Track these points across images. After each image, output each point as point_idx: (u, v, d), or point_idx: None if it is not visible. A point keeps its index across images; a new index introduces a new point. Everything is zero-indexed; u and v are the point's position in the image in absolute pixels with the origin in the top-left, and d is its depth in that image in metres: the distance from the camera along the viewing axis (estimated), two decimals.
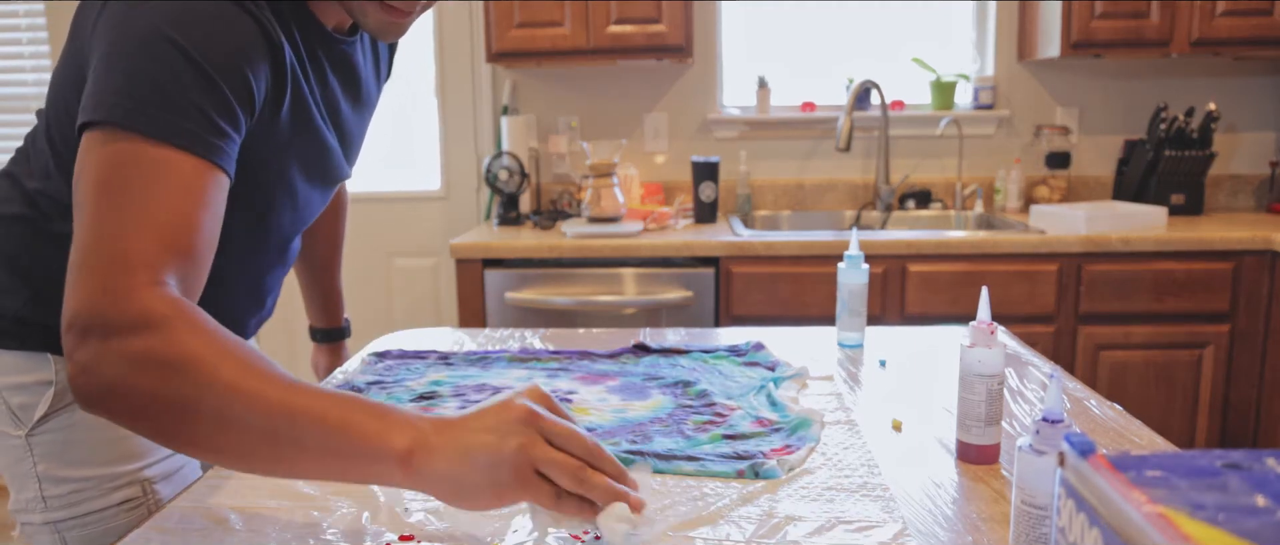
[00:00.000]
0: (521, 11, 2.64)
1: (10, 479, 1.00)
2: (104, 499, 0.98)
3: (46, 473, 0.97)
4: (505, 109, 2.97)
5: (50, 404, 0.96)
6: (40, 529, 0.99)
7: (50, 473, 0.98)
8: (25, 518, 1.00)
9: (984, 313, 0.93)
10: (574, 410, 1.08)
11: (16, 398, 0.97)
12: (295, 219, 1.06)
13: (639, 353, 1.33)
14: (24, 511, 1.00)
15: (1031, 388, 1.19)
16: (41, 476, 0.97)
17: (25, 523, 1.00)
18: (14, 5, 3.05)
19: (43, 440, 0.97)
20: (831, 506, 0.83)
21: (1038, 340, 2.41)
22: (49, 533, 0.99)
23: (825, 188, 3.03)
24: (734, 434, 0.99)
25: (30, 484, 0.98)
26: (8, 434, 0.98)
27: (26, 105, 3.11)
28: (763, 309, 2.44)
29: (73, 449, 0.98)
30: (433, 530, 0.79)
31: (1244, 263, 2.41)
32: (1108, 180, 2.98)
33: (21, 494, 0.99)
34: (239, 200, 0.88)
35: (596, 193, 2.67)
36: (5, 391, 0.98)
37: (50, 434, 0.97)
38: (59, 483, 0.98)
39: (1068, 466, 0.43)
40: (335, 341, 1.48)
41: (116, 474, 0.99)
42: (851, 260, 1.34)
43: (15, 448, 0.98)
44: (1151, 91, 2.94)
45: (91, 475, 0.98)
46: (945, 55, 3.04)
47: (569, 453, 0.70)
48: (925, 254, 2.41)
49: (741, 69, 3.07)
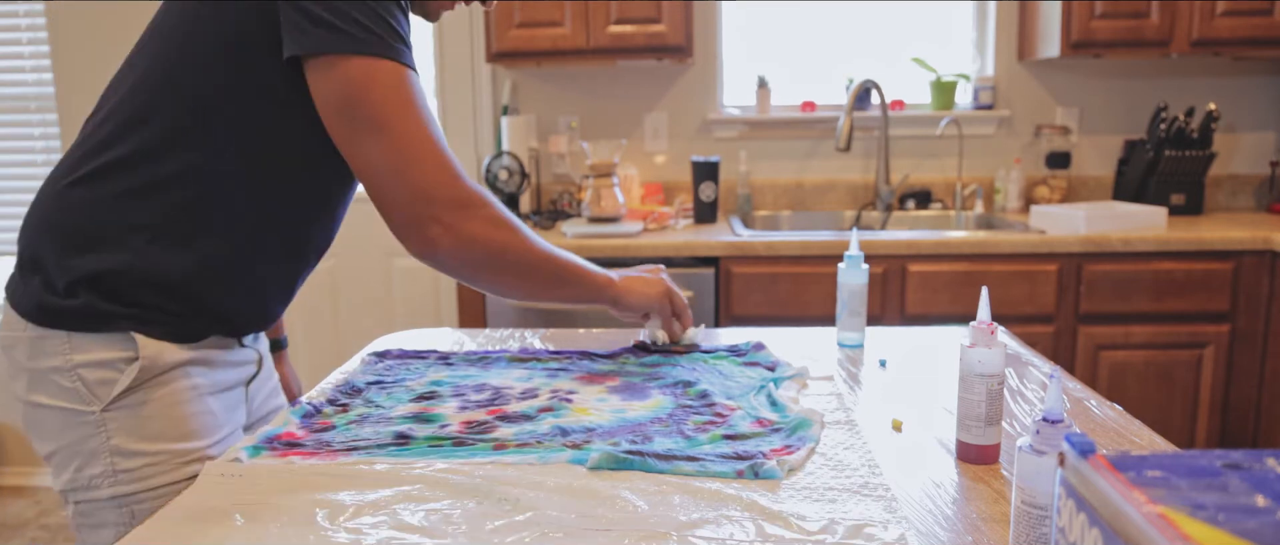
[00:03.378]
0: (521, 11, 2.64)
1: (72, 456, 1.02)
2: (174, 473, 1.02)
3: (119, 447, 1.00)
4: (505, 109, 2.97)
5: (133, 378, 1.00)
6: (104, 504, 1.02)
7: (123, 447, 1.01)
8: (86, 494, 1.02)
9: (984, 313, 0.93)
10: (574, 410, 1.08)
11: (95, 374, 1.00)
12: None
13: (639, 353, 1.33)
14: (85, 488, 1.02)
15: (1031, 388, 1.19)
16: (113, 450, 1.01)
17: (84, 499, 1.02)
18: (14, 5, 3.05)
19: (118, 415, 1.00)
20: (832, 506, 0.83)
21: (1038, 340, 2.41)
22: (115, 507, 1.02)
23: (825, 188, 3.03)
24: (734, 434, 0.99)
25: (99, 459, 1.01)
26: (78, 411, 1.00)
27: (26, 105, 3.11)
28: (763, 309, 2.44)
29: (147, 424, 1.01)
30: (434, 529, 0.79)
31: (1244, 263, 2.41)
32: (1108, 180, 2.98)
33: (86, 471, 1.01)
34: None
35: (596, 193, 2.67)
36: (83, 369, 1.00)
37: (126, 409, 1.00)
38: (131, 456, 1.01)
39: (1068, 466, 0.43)
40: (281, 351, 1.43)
41: (186, 450, 1.03)
42: (851, 260, 1.34)
43: (86, 424, 1.00)
44: (1151, 91, 2.94)
45: (163, 450, 1.02)
46: (945, 55, 3.04)
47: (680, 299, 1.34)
48: (925, 254, 2.41)
49: (741, 69, 3.07)
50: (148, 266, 1.00)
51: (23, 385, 1.03)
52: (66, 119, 3.07)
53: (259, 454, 0.97)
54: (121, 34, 2.97)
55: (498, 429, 1.03)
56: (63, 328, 1.00)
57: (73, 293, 0.99)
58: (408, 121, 0.98)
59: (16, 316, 1.03)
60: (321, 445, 0.99)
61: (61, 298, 1.00)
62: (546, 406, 1.10)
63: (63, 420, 1.01)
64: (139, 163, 0.99)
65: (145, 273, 1.00)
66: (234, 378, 1.12)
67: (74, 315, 0.99)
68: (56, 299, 1.00)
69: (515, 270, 1.09)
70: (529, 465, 0.92)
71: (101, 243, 1.00)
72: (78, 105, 3.05)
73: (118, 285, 1.00)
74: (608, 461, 0.91)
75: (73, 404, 1.00)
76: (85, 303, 0.99)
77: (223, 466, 0.93)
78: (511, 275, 1.10)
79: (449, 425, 1.04)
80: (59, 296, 1.00)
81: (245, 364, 1.14)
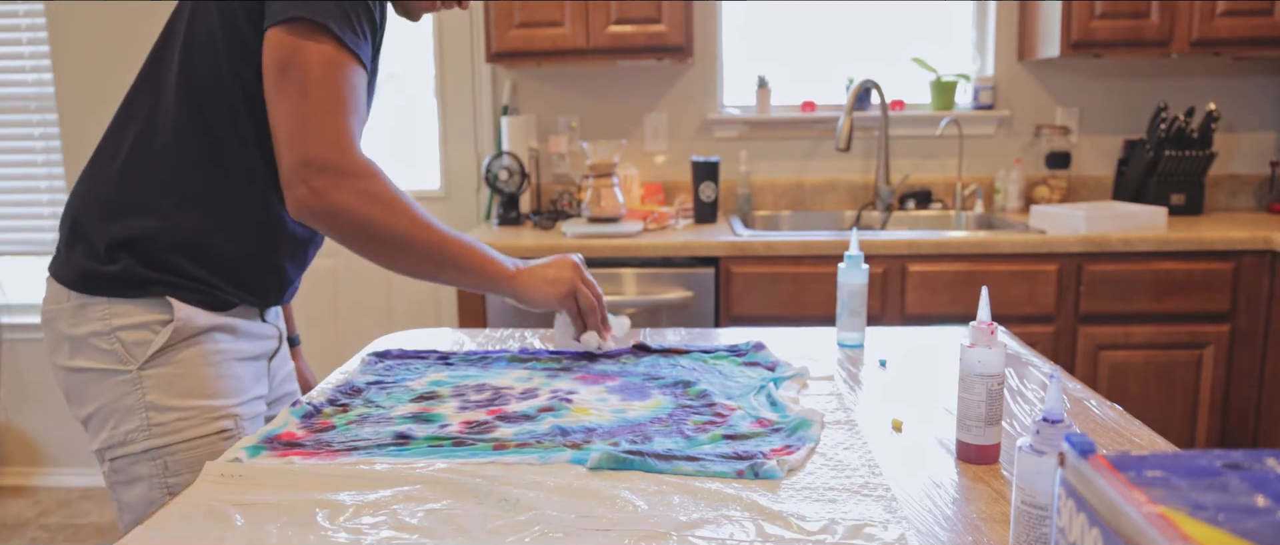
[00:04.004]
0: (521, 11, 2.64)
1: (109, 415, 1.12)
2: (205, 427, 1.13)
3: (154, 402, 1.11)
4: (505, 109, 2.97)
5: (167, 339, 1.11)
6: (139, 458, 1.12)
7: (158, 402, 1.11)
8: (122, 450, 1.12)
9: (984, 313, 0.93)
10: (574, 410, 1.09)
11: (132, 335, 1.11)
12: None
13: (639, 353, 1.33)
14: (121, 444, 1.12)
15: (1031, 388, 1.19)
16: (149, 406, 1.11)
17: (120, 455, 1.12)
18: (14, 5, 3.05)
19: (154, 373, 1.11)
20: (832, 507, 0.83)
21: (1038, 340, 2.41)
22: (149, 460, 1.12)
23: (825, 188, 3.03)
24: (734, 434, 0.99)
25: (134, 415, 1.11)
26: (116, 371, 1.11)
27: (26, 105, 3.11)
28: (763, 309, 2.44)
29: (181, 381, 1.12)
30: (434, 529, 0.79)
31: (1244, 263, 2.41)
32: (1108, 180, 2.98)
33: (122, 427, 1.11)
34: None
35: (596, 193, 2.67)
36: (122, 331, 1.11)
37: (161, 367, 1.11)
38: (165, 411, 1.11)
39: (1068, 466, 0.43)
40: (294, 348, 1.52)
41: (217, 407, 1.14)
42: (851, 260, 1.34)
43: (123, 382, 1.11)
44: (1151, 91, 2.94)
45: (196, 405, 1.12)
46: (945, 55, 3.04)
47: (586, 295, 1.28)
48: (925, 254, 2.41)
49: (741, 69, 3.07)
50: (177, 229, 1.11)
51: (65, 353, 1.13)
52: (66, 119, 3.07)
53: (259, 454, 0.97)
54: (121, 34, 2.97)
55: (498, 429, 1.03)
56: (104, 293, 1.11)
57: (114, 258, 1.10)
58: (325, 93, 1.04)
59: (60, 287, 1.14)
60: (321, 445, 0.99)
61: (103, 263, 1.11)
62: (546, 406, 1.10)
63: (102, 380, 1.11)
64: (160, 142, 1.12)
65: (176, 236, 1.11)
66: (257, 349, 1.23)
67: (114, 281, 1.10)
68: (98, 266, 1.11)
69: (385, 246, 1.11)
70: (529, 465, 0.92)
71: (136, 209, 1.11)
72: (78, 105, 3.04)
73: (153, 249, 1.11)
74: (608, 461, 0.91)
75: (111, 365, 1.11)
76: (124, 268, 1.10)
77: (223, 466, 0.93)
78: (382, 250, 1.11)
79: (449, 425, 1.04)
80: (101, 262, 1.11)
81: (267, 338, 1.25)
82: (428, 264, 1.14)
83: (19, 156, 3.15)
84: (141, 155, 1.13)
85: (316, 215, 1.06)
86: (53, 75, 3.06)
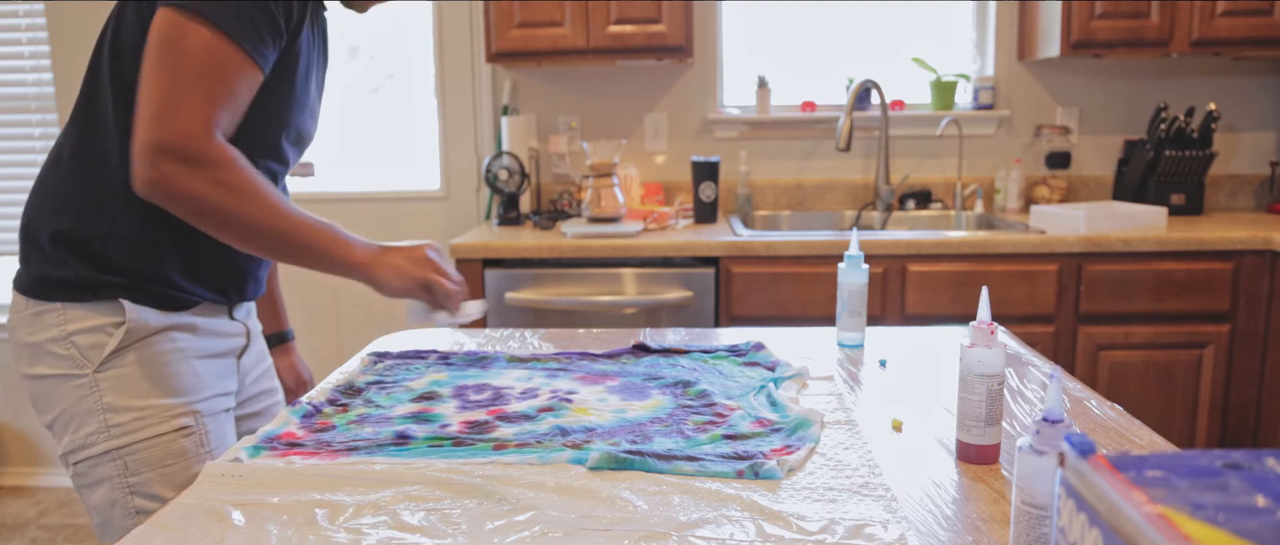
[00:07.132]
0: (521, 11, 2.64)
1: (69, 419, 1.13)
2: (163, 425, 1.13)
3: (111, 403, 1.11)
4: (505, 109, 2.97)
5: (120, 340, 1.11)
6: (101, 460, 1.12)
7: (115, 403, 1.11)
8: (83, 453, 1.12)
9: (984, 313, 0.93)
10: (574, 410, 1.09)
11: (87, 339, 1.11)
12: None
13: (639, 353, 1.33)
14: (82, 448, 1.12)
15: (1031, 388, 1.19)
16: (106, 408, 1.11)
17: (82, 459, 1.13)
18: (14, 5, 3.05)
19: (109, 375, 1.12)
20: (832, 507, 0.83)
21: (1038, 340, 2.41)
22: (110, 460, 1.12)
23: (825, 188, 3.03)
24: (734, 434, 0.99)
25: (93, 418, 1.11)
26: (73, 375, 1.12)
27: (26, 105, 3.11)
28: (763, 309, 2.44)
29: (137, 381, 1.12)
30: (434, 529, 0.79)
31: (1244, 263, 2.41)
32: (1108, 180, 2.98)
33: (82, 430, 1.12)
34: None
35: (596, 193, 2.67)
36: (76, 336, 1.11)
37: (116, 368, 1.12)
38: (122, 412, 1.12)
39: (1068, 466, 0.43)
40: (287, 343, 1.53)
41: (174, 405, 1.14)
42: (851, 260, 1.34)
43: (80, 386, 1.12)
44: (1151, 91, 2.94)
45: (152, 403, 1.13)
46: (945, 55, 3.04)
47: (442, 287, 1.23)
48: (925, 254, 2.41)
49: (741, 69, 3.07)
50: (124, 229, 1.12)
51: (25, 360, 1.14)
52: (66, 119, 3.07)
53: (259, 454, 0.97)
54: None
55: (498, 429, 1.03)
56: (58, 299, 1.11)
57: (64, 262, 1.11)
58: (196, 79, 1.03)
59: (19, 296, 1.15)
60: (321, 445, 0.99)
61: (55, 268, 1.11)
62: (546, 406, 1.10)
63: (60, 386, 1.12)
64: (102, 141, 1.12)
65: (123, 237, 1.12)
66: (222, 347, 1.23)
67: (67, 286, 1.11)
68: (51, 271, 1.12)
69: (234, 232, 1.09)
70: (529, 465, 0.92)
71: (82, 212, 1.12)
72: None
73: (102, 252, 1.11)
74: (608, 461, 0.91)
75: (68, 370, 1.12)
76: (76, 273, 1.11)
77: (223, 466, 0.93)
78: (232, 235, 1.09)
79: (449, 425, 1.04)
80: (53, 267, 1.12)
81: (233, 335, 1.25)
82: (278, 249, 1.12)
83: (19, 156, 3.15)
84: (83, 158, 1.13)
85: (162, 198, 1.04)
86: (53, 75, 3.06)
